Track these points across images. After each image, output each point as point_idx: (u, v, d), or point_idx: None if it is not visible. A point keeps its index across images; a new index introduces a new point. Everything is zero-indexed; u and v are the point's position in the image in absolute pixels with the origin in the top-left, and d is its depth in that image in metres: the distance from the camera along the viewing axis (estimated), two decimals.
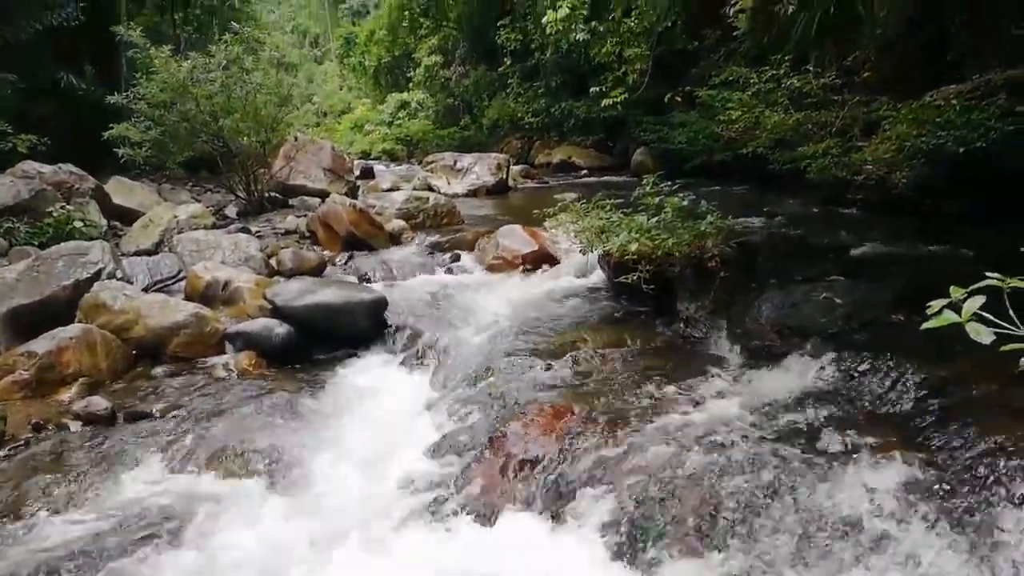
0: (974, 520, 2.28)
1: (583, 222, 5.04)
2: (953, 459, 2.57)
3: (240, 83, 9.19)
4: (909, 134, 6.77)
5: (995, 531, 2.23)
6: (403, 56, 33.78)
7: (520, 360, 4.35)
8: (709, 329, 4.42)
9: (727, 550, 2.45)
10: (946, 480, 2.45)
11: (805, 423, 3.12)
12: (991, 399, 2.85)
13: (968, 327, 1.25)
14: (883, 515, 2.41)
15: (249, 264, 6.54)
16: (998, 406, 2.79)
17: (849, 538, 2.36)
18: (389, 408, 4.22)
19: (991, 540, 2.20)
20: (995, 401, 2.82)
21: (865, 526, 2.38)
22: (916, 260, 5.16)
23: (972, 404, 2.83)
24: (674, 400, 3.53)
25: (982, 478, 2.42)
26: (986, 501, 2.32)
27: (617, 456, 3.02)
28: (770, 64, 9.87)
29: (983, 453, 2.52)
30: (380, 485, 3.39)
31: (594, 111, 17.31)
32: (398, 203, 8.65)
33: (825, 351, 3.63)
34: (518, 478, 3.06)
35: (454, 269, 6.82)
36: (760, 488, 2.64)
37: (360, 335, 5.09)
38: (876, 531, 2.35)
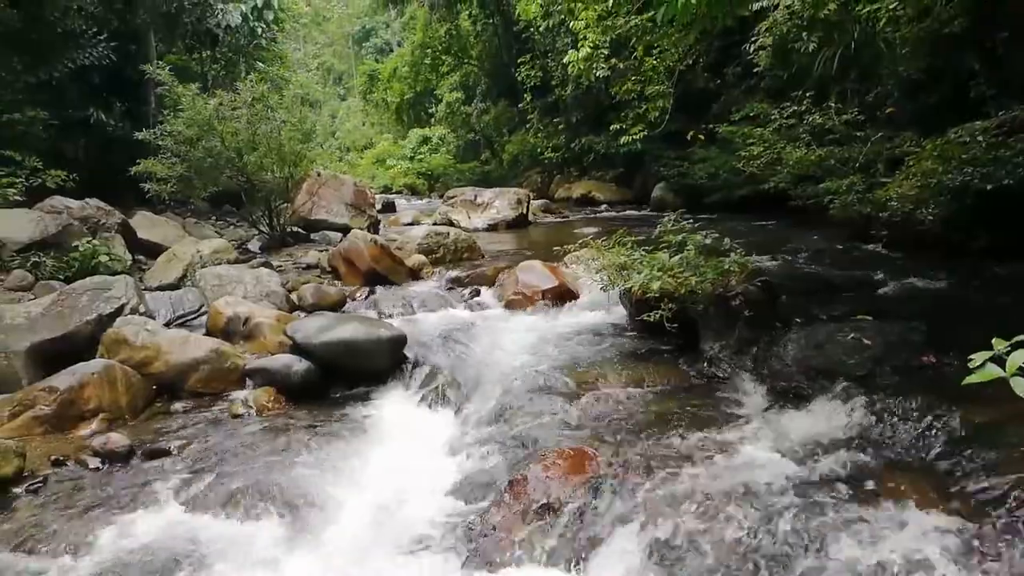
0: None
1: (604, 259, 5.00)
2: (993, 513, 2.47)
3: (265, 120, 9.35)
4: (934, 170, 6.69)
5: None
6: (425, 92, 34.38)
7: (541, 399, 4.29)
8: (733, 369, 4.34)
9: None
10: (986, 537, 2.35)
11: (836, 470, 3.02)
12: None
13: (1013, 383, 1.19)
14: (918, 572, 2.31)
15: (270, 299, 6.56)
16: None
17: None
18: (408, 448, 4.16)
19: None
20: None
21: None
22: (946, 298, 5.06)
23: (1012, 454, 2.72)
24: (699, 445, 3.45)
25: (1015, 532, 2.32)
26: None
27: (641, 504, 2.94)
28: (791, 100, 9.89)
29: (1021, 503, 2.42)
30: (398, 529, 3.31)
31: (614, 146, 17.40)
32: (418, 238, 8.69)
33: (855, 394, 3.54)
34: (538, 525, 2.98)
35: (473, 305, 6.79)
36: (791, 541, 2.55)
37: (380, 372, 5.05)
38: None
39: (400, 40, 41.54)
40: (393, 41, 45.66)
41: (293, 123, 9.72)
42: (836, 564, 2.41)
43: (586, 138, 18.63)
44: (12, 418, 4.36)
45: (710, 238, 4.72)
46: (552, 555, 2.85)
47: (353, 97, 51.49)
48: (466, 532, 3.09)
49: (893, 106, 10.09)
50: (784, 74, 12.12)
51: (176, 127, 9.26)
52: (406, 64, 32.03)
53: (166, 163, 9.40)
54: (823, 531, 2.57)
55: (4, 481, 3.62)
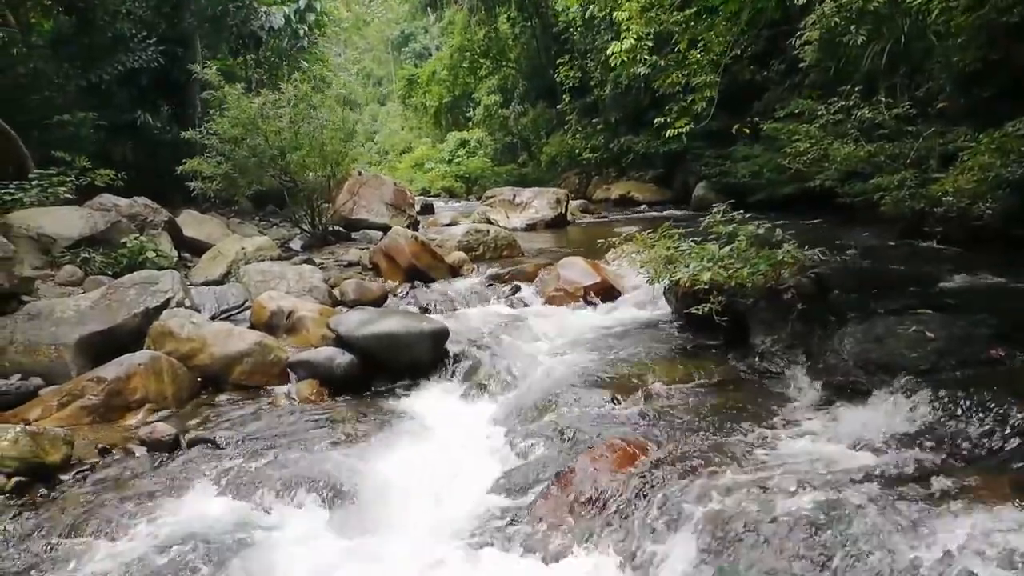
0: None
1: (650, 252, 4.89)
2: None
3: (307, 119, 9.43)
4: (992, 164, 6.43)
5: None
6: (463, 96, 34.51)
7: (586, 394, 4.20)
8: (786, 364, 4.19)
9: None
10: None
11: (901, 468, 2.87)
12: None
13: None
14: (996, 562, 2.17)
15: (313, 294, 6.59)
16: None
17: None
18: (451, 441, 4.10)
19: None
20: None
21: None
22: (1011, 293, 4.84)
23: None
24: (752, 440, 3.32)
25: None
26: None
27: (694, 500, 2.82)
28: (838, 96, 9.63)
29: None
30: (442, 521, 3.26)
31: (653, 146, 17.21)
32: (458, 235, 8.67)
33: (918, 389, 3.37)
34: (586, 517, 2.89)
35: (514, 301, 6.73)
36: (853, 540, 2.41)
37: (421, 365, 5.01)
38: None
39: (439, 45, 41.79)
40: (432, 46, 45.95)
41: (335, 123, 9.79)
42: (904, 566, 2.27)
43: (625, 138, 18.46)
44: (61, 408, 4.43)
45: (763, 228, 4.57)
46: (604, 547, 2.76)
47: (392, 101, 51.97)
48: (513, 523, 3.02)
49: (946, 100, 9.77)
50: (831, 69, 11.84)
51: (221, 126, 9.39)
52: (444, 68, 32.19)
53: (211, 162, 9.55)
54: (889, 531, 2.42)
55: (53, 468, 3.66)
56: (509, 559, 2.84)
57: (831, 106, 9.64)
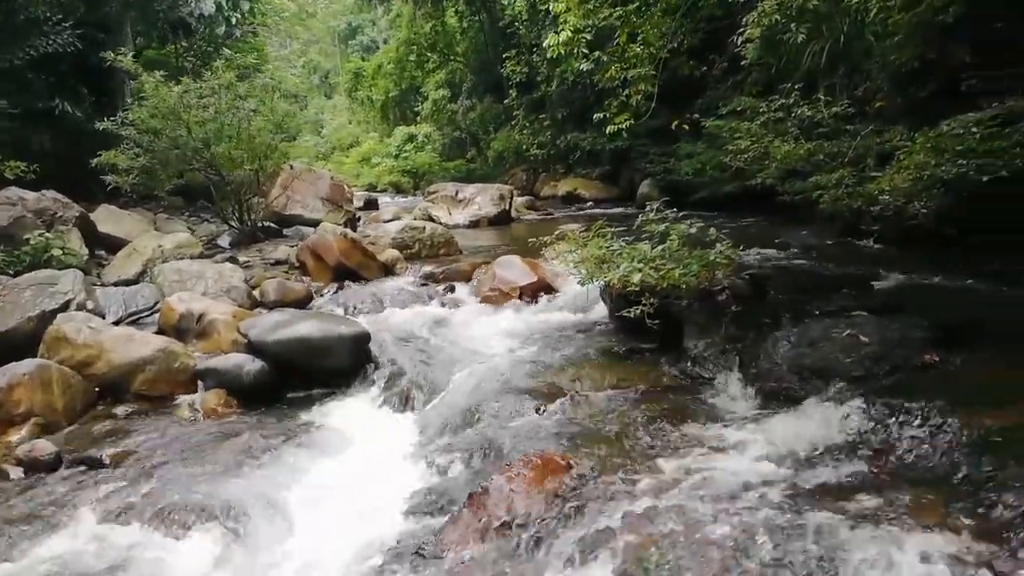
0: None
1: (583, 252, 4.67)
2: (1013, 530, 2.16)
3: (233, 109, 8.95)
4: (927, 163, 6.42)
5: None
6: (410, 90, 33.95)
7: (512, 402, 3.97)
8: (719, 368, 4.02)
9: None
10: (1005, 564, 2.03)
11: (831, 481, 2.71)
12: None
13: None
14: None
15: (230, 295, 6.20)
16: None
17: None
18: (366, 455, 3.81)
19: None
20: None
21: None
22: (946, 294, 4.79)
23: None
24: (681, 452, 3.13)
25: None
26: None
27: (616, 518, 2.60)
28: (779, 94, 9.63)
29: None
30: (348, 548, 2.97)
31: (599, 143, 17.10)
32: (392, 233, 8.33)
33: (851, 396, 3.22)
34: (499, 543, 2.64)
35: (448, 301, 6.45)
36: (777, 562, 2.23)
37: (340, 372, 4.70)
38: None
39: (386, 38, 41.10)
40: (379, 39, 45.22)
41: (264, 113, 9.33)
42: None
43: (572, 135, 18.30)
44: None
45: (695, 227, 4.40)
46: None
47: (338, 95, 50.99)
48: (419, 553, 2.75)
49: (883, 100, 9.85)
50: (772, 68, 11.87)
51: (139, 116, 8.84)
52: (391, 61, 31.64)
53: (128, 154, 8.98)
54: (815, 551, 2.25)
55: None
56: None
57: (772, 104, 9.63)
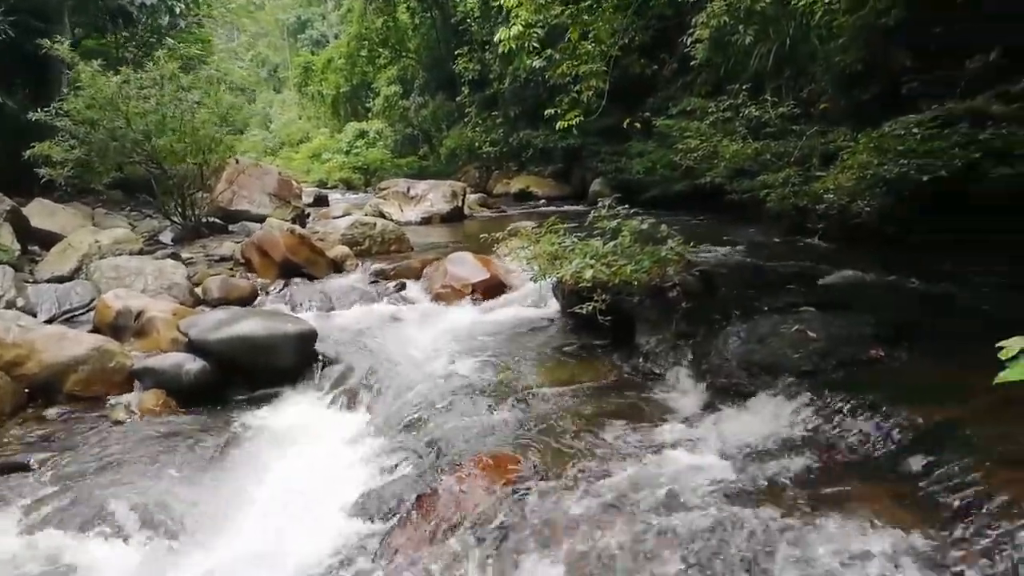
0: None
1: (535, 248, 4.63)
2: (957, 522, 2.18)
3: (176, 101, 8.64)
4: (870, 162, 6.58)
5: None
6: (362, 85, 33.49)
7: (462, 401, 3.89)
8: (670, 365, 4.02)
9: None
10: (953, 552, 2.05)
11: (781, 475, 2.70)
12: (994, 447, 2.47)
13: None
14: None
15: (172, 292, 5.97)
16: (1003, 456, 2.41)
17: None
18: (312, 457, 3.69)
19: None
20: (999, 450, 2.45)
21: None
22: (890, 290, 4.88)
23: (974, 455, 2.45)
24: (633, 449, 3.10)
25: (992, 548, 2.03)
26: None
27: (569, 518, 2.56)
28: (727, 94, 9.78)
29: (992, 515, 2.13)
30: (291, 554, 2.86)
31: (552, 141, 17.13)
32: (342, 229, 8.15)
33: (799, 391, 3.25)
34: (448, 546, 2.57)
35: (398, 299, 6.34)
36: (729, 558, 2.21)
37: (286, 371, 4.56)
38: None
39: (337, 32, 40.51)
40: (330, 33, 44.54)
41: (208, 105, 9.03)
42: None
43: (524, 133, 18.28)
44: None
45: (646, 223, 4.39)
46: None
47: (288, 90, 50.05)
48: (366, 558, 2.66)
49: (828, 102, 10.07)
50: (720, 69, 12.05)
51: (75, 106, 8.45)
52: (341, 56, 31.15)
53: (63, 146, 8.58)
54: (766, 546, 2.24)
55: None
56: None
57: (720, 104, 9.77)
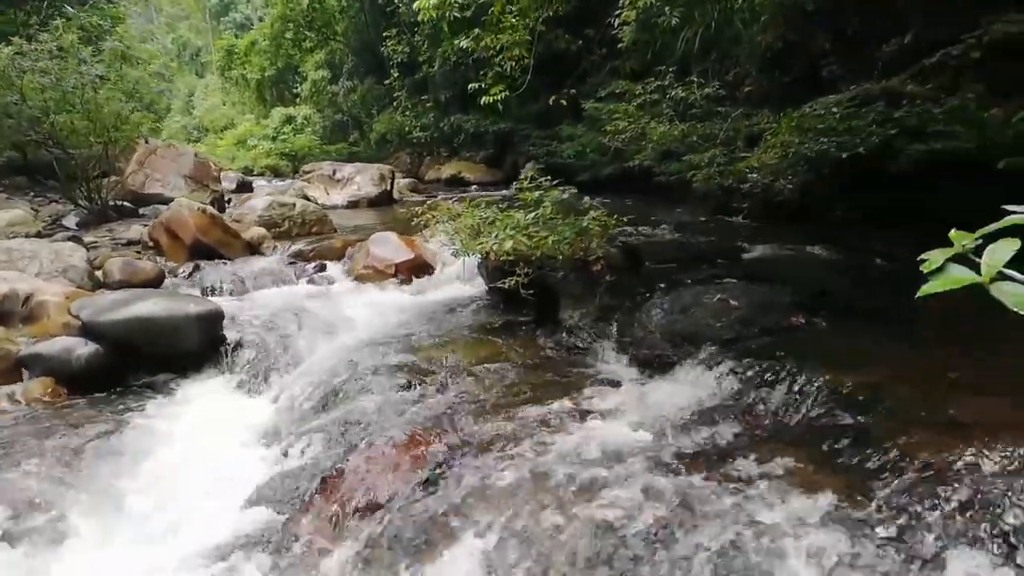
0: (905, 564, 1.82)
1: (457, 222, 4.46)
2: (876, 484, 2.13)
3: (77, 75, 8.06)
4: (792, 141, 6.67)
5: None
6: (288, 69, 32.44)
7: (379, 381, 3.69)
8: (594, 338, 3.92)
9: None
10: (870, 512, 2.00)
11: (704, 443, 2.63)
12: (913, 408, 2.45)
13: (994, 290, 0.72)
14: (801, 556, 1.93)
15: (68, 275, 5.54)
16: (922, 417, 2.39)
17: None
18: (215, 443, 3.44)
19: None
20: (918, 411, 2.43)
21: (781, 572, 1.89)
22: (810, 263, 4.92)
23: (891, 418, 2.42)
24: (555, 422, 2.98)
25: (911, 508, 1.98)
26: (919, 539, 1.87)
27: (485, 495, 2.42)
28: (655, 76, 9.81)
29: (912, 475, 2.09)
30: (186, 544, 2.62)
31: (483, 125, 16.96)
32: (259, 210, 7.78)
33: (722, 359, 3.20)
34: (353, 531, 2.39)
35: (317, 280, 6.06)
36: (652, 529, 2.11)
37: (190, 354, 4.26)
38: None
39: (262, 15, 39.11)
40: (254, 16, 43.00)
41: (113, 80, 8.46)
42: (705, 551, 1.99)
43: (455, 117, 18.03)
44: None
45: (568, 194, 4.28)
46: (369, 565, 2.27)
47: (211, 74, 48.17)
48: (265, 546, 2.46)
49: (752, 84, 10.22)
50: (648, 52, 12.11)
51: None
52: (266, 38, 30.09)
53: None
54: (689, 515, 2.15)
55: None
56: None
57: (648, 86, 9.79)
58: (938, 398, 2.50)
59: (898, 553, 1.80)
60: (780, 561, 1.87)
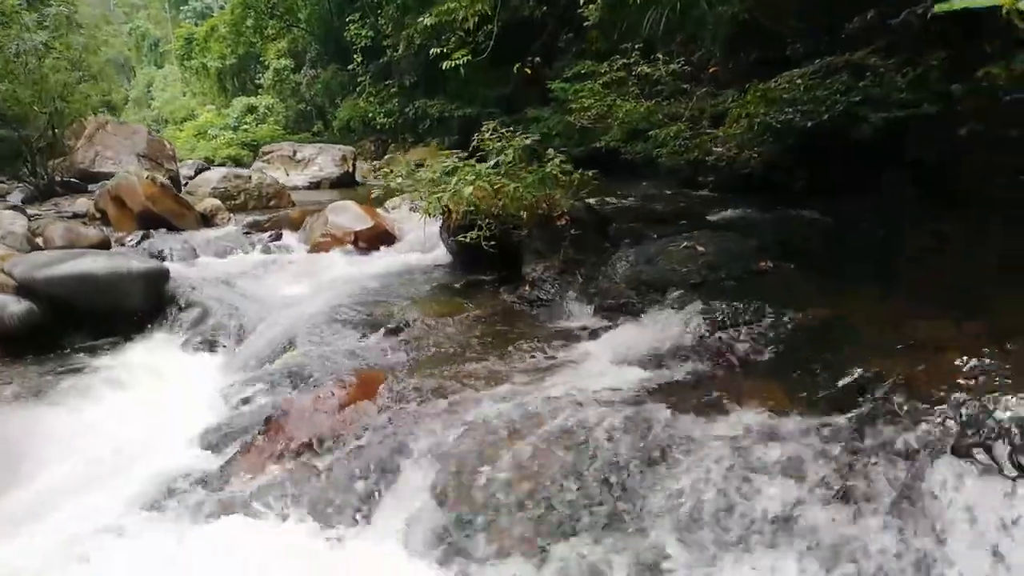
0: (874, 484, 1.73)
1: (416, 175, 4.30)
2: (848, 401, 2.05)
3: (19, 40, 7.69)
4: (758, 112, 6.64)
5: (895, 493, 1.69)
6: (249, 58, 31.78)
7: (333, 333, 3.54)
8: (559, 290, 3.79)
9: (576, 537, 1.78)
10: (844, 424, 1.91)
11: (673, 377, 2.53)
12: (878, 337, 2.38)
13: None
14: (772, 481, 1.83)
15: (6, 242, 5.25)
16: (887, 343, 2.31)
17: (734, 510, 1.75)
18: (157, 399, 3.24)
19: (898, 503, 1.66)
20: (885, 341, 2.35)
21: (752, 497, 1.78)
22: (776, 221, 4.86)
23: (861, 346, 2.35)
24: (514, 365, 2.85)
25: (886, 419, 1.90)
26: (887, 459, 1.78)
27: (438, 430, 2.28)
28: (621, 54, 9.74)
29: (882, 394, 2.01)
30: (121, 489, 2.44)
31: (448, 110, 16.74)
32: (213, 182, 7.51)
33: (689, 302, 3.10)
34: (298, 467, 2.24)
35: (273, 248, 5.85)
36: (621, 459, 2.00)
37: (133, 314, 4.04)
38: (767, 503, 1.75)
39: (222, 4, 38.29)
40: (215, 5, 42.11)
41: (59, 49, 8.10)
42: (677, 480, 1.88)
43: (420, 102, 17.75)
44: None
45: (531, 140, 4.14)
46: (316, 503, 2.12)
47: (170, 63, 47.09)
48: (202, 484, 2.29)
49: (716, 66, 10.21)
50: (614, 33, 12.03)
51: None
52: (226, 24, 29.44)
53: None
54: (659, 446, 2.04)
55: None
56: (190, 529, 2.11)
57: (614, 64, 9.72)
58: (904, 328, 2.43)
59: (877, 456, 1.71)
60: (759, 474, 1.77)
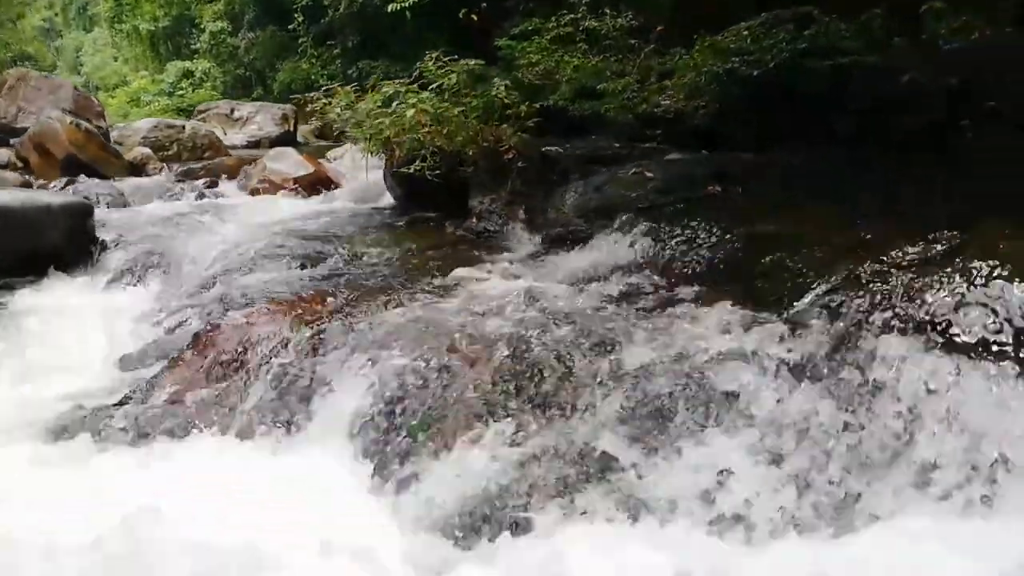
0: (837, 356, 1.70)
1: (357, 106, 4.12)
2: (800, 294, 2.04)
3: None
4: (705, 62, 6.63)
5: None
6: (184, 20, 30.46)
7: (269, 264, 3.39)
8: (505, 221, 3.71)
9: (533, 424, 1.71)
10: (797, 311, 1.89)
11: (624, 290, 2.48)
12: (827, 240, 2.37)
13: None
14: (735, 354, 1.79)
15: None
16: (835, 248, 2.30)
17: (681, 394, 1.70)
18: (76, 331, 3.04)
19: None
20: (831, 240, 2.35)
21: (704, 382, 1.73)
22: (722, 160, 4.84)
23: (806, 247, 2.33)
24: (454, 285, 2.76)
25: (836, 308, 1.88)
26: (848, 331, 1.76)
27: (376, 341, 2.17)
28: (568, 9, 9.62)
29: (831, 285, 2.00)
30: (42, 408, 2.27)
31: (393, 71, 16.33)
32: (143, 131, 7.15)
33: (637, 225, 3.04)
34: (229, 383, 2.11)
35: (208, 194, 5.59)
36: (567, 348, 1.93)
37: (54, 253, 3.76)
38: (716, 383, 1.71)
39: None
40: None
41: None
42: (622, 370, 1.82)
43: (364, 63, 17.27)
44: None
45: (477, 65, 4.01)
46: (247, 415, 2.00)
47: (99, 27, 44.91)
48: (126, 401, 2.14)
49: (662, 27, 10.18)
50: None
51: None
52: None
53: None
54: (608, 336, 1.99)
55: None
56: (113, 448, 1.97)
57: (561, 19, 9.60)
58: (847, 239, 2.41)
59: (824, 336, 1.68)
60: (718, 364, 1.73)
